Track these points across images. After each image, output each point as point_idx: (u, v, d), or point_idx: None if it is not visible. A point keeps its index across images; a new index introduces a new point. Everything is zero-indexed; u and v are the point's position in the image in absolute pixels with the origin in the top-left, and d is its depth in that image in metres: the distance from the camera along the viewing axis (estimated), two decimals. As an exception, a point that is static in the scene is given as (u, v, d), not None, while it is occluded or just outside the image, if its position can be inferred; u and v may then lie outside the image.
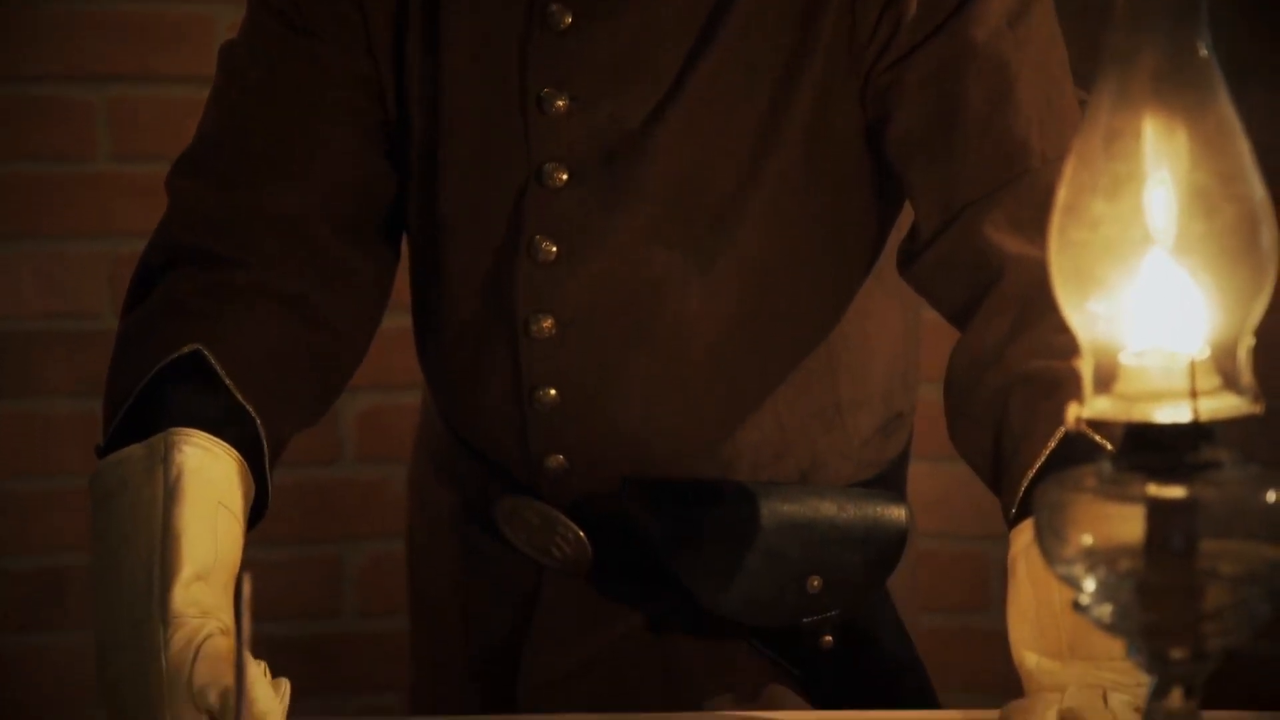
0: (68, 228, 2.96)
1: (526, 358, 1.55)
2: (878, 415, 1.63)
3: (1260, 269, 1.03)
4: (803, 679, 1.60)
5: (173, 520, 1.35)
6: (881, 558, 1.58)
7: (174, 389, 1.43)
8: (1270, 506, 1.04)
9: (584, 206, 1.52)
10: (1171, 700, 1.07)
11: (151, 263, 1.53)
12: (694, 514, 1.56)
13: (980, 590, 2.94)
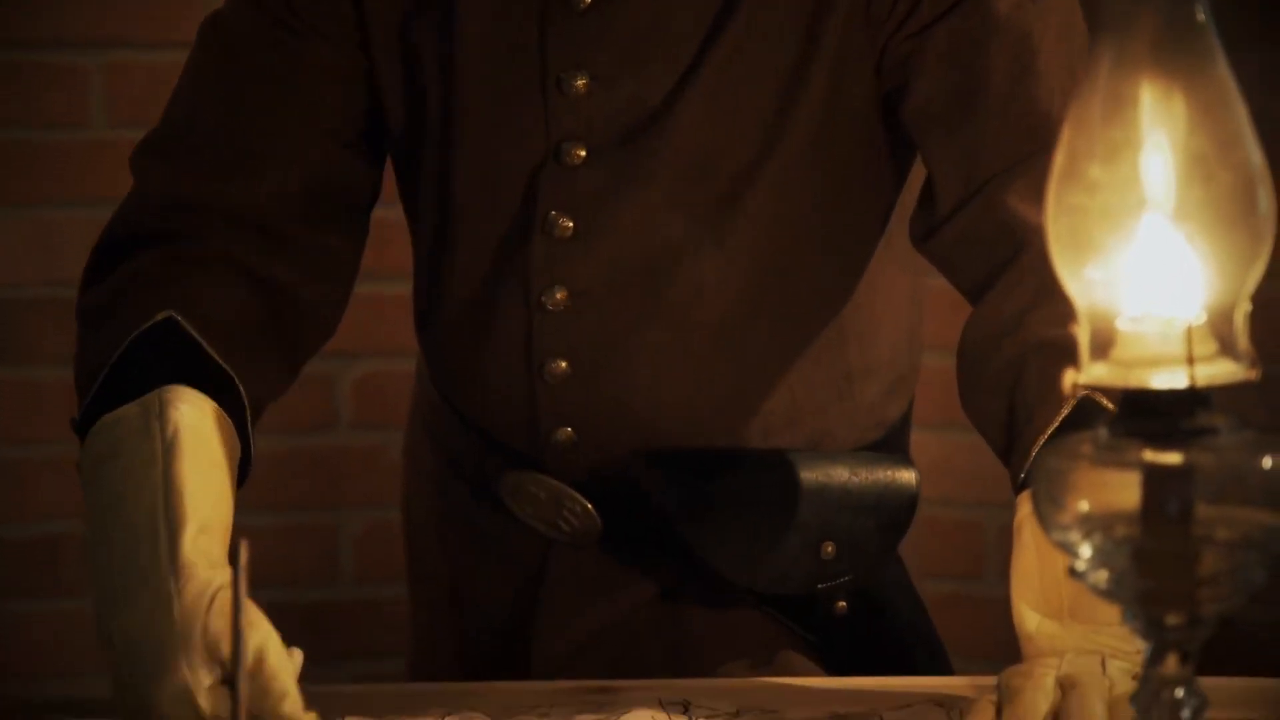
0: (62, 195, 2.95)
1: (538, 330, 1.56)
2: (885, 381, 1.63)
3: (1257, 235, 1.03)
4: (816, 645, 1.60)
5: (174, 475, 1.35)
6: (893, 522, 1.59)
7: (152, 355, 1.43)
8: (1266, 472, 1.04)
9: (601, 183, 1.52)
10: (1167, 666, 1.07)
11: (115, 239, 1.53)
12: (707, 484, 1.57)
13: (977, 558, 2.94)
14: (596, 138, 1.52)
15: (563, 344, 1.56)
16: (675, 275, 1.54)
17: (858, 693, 1.43)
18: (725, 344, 1.56)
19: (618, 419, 1.57)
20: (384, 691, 1.49)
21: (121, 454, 1.37)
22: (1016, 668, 1.32)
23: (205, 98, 1.54)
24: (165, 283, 1.48)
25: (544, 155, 1.53)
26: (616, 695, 1.42)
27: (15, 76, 2.91)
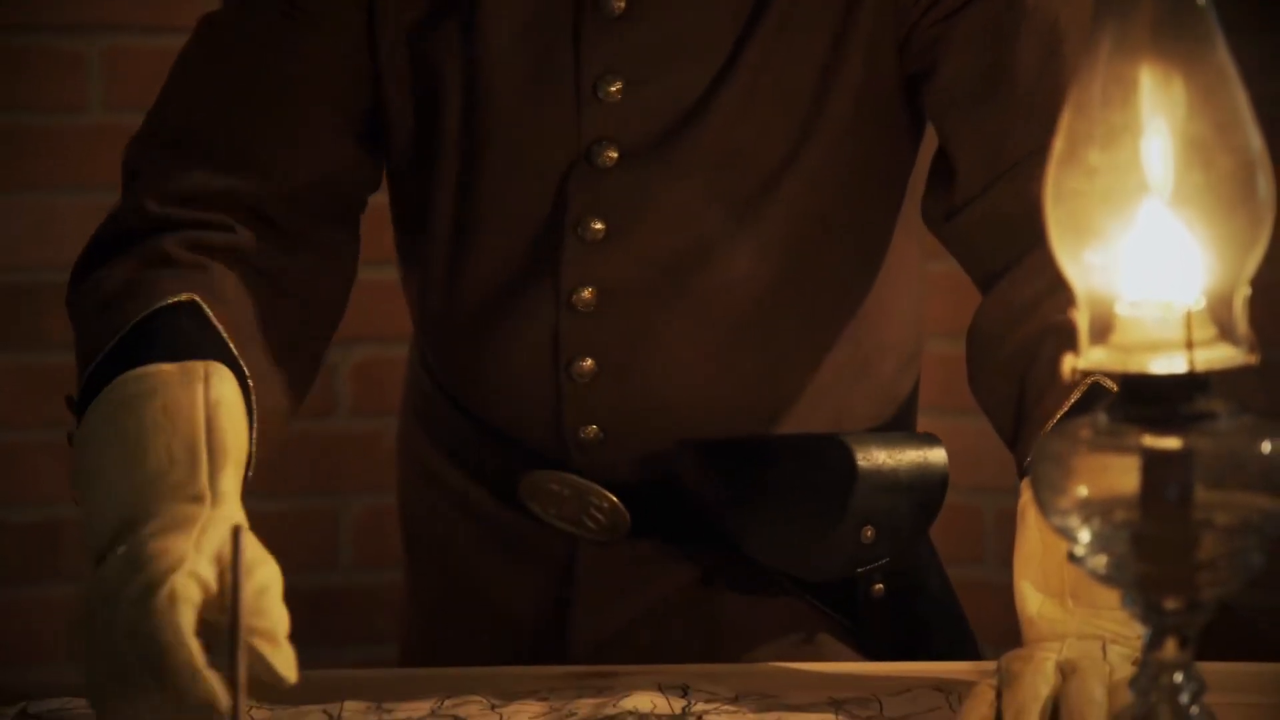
0: (61, 179, 2.95)
1: (565, 330, 1.55)
2: (899, 357, 1.64)
3: (1257, 219, 1.03)
4: (850, 629, 1.61)
5: (218, 422, 1.31)
6: (928, 501, 1.59)
7: (177, 328, 1.40)
8: (1265, 457, 1.04)
9: (634, 184, 1.52)
10: (1166, 650, 1.07)
11: (123, 227, 1.50)
12: (753, 473, 1.57)
13: (976, 543, 2.95)
14: (629, 139, 1.52)
15: (590, 342, 1.56)
16: (706, 268, 1.54)
17: (856, 678, 1.43)
18: (753, 332, 1.56)
19: (645, 413, 1.57)
20: (383, 676, 1.49)
21: (160, 395, 1.32)
22: (1017, 652, 1.32)
23: (212, 93, 1.53)
24: (185, 266, 1.46)
25: (574, 158, 1.52)
26: (616, 679, 1.42)
27: (14, 61, 2.91)
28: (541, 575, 1.63)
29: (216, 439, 1.30)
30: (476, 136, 1.54)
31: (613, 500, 1.59)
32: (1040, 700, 1.26)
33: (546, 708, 1.37)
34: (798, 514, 1.57)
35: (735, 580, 1.61)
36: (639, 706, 1.35)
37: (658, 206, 1.53)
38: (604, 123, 1.52)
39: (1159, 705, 1.08)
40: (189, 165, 1.51)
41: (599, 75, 1.51)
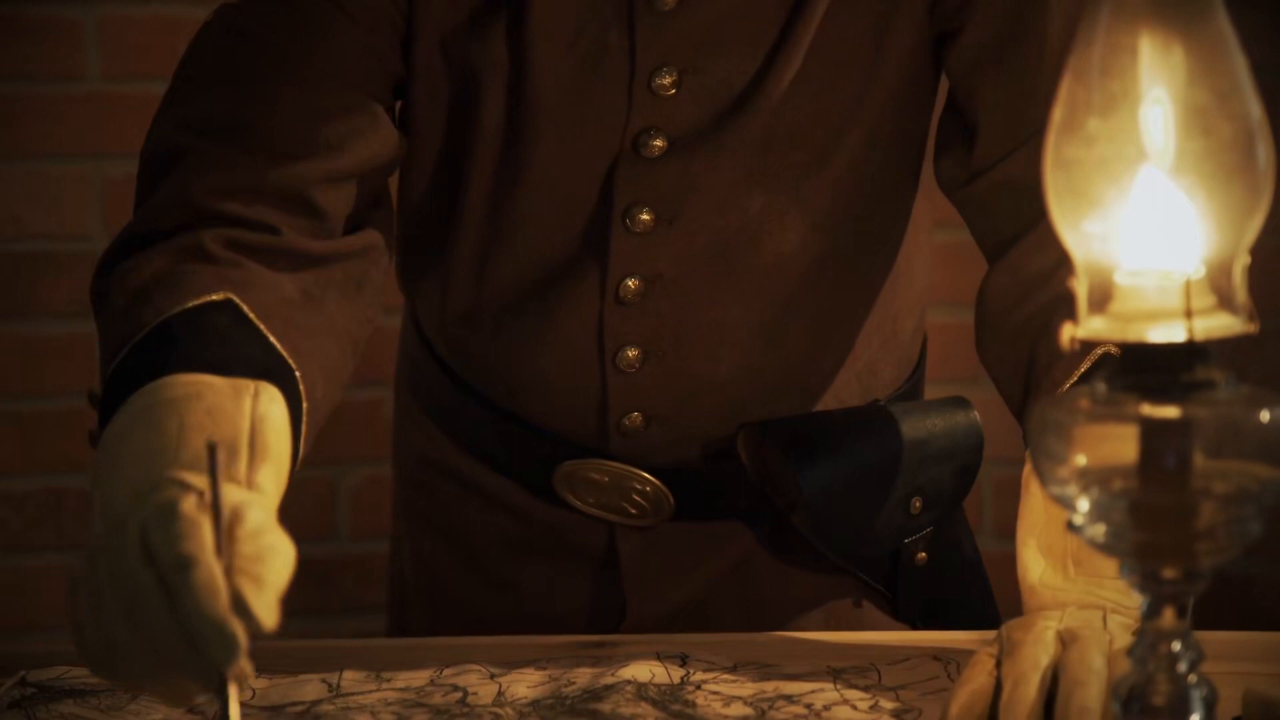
0: (59, 147, 2.95)
1: (610, 320, 1.55)
2: (917, 316, 1.64)
3: (1256, 187, 1.03)
4: (890, 598, 1.61)
5: (262, 432, 1.26)
6: (968, 465, 1.59)
7: (218, 328, 1.35)
8: (1263, 426, 1.04)
9: (682, 171, 1.51)
10: (1164, 619, 1.07)
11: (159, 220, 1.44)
12: (820, 451, 1.56)
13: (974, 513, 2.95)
14: (678, 127, 1.51)
15: (636, 331, 1.55)
16: (754, 248, 1.54)
17: (854, 646, 1.43)
18: (797, 306, 1.56)
19: (690, 397, 1.57)
20: (382, 646, 1.49)
21: (206, 399, 1.27)
22: (1017, 621, 1.32)
23: (246, 80, 1.47)
24: (224, 262, 1.41)
25: (621, 148, 1.51)
26: (614, 649, 1.42)
27: (11, 30, 2.90)
28: (584, 567, 1.62)
29: (259, 442, 1.26)
30: (520, 134, 1.52)
31: (655, 483, 1.59)
32: (1040, 669, 1.26)
33: (545, 677, 1.37)
34: (854, 490, 1.56)
35: (777, 555, 1.61)
36: (637, 676, 1.35)
37: (706, 192, 1.52)
38: (654, 113, 1.51)
39: (1157, 674, 1.08)
40: (231, 156, 1.45)
41: (654, 69, 1.50)
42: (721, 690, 1.34)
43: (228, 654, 1.10)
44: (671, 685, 1.34)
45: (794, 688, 1.34)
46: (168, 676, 1.14)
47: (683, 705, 1.31)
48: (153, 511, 1.15)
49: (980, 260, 1.55)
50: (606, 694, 1.32)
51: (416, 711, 1.32)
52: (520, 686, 1.35)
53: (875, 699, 1.32)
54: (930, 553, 1.60)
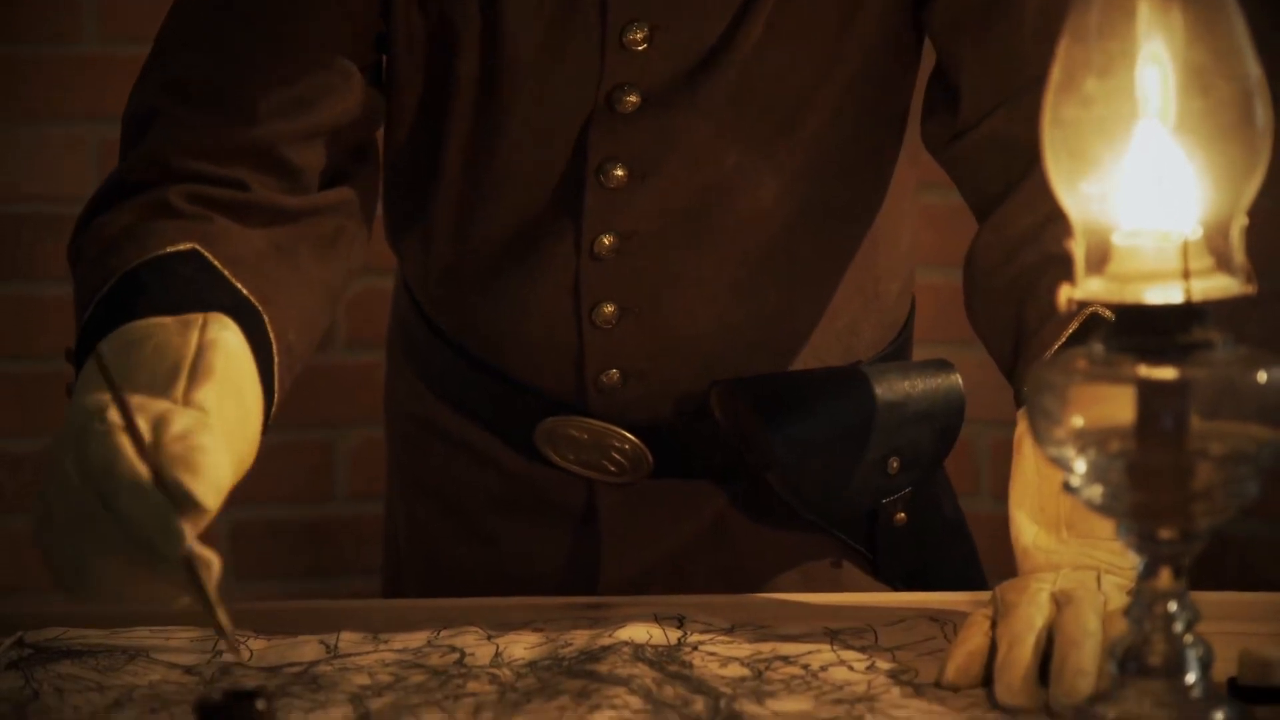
0: (56, 110, 2.94)
1: (586, 276, 1.55)
2: (901, 279, 1.64)
3: (1254, 148, 1.03)
4: (869, 558, 1.61)
5: (205, 355, 1.28)
6: (948, 427, 1.59)
7: (179, 275, 1.38)
8: (1260, 387, 1.04)
9: (655, 127, 1.51)
10: (1160, 580, 1.08)
11: (130, 178, 1.47)
12: (792, 410, 1.56)
13: (970, 475, 2.95)
14: (651, 83, 1.50)
15: (612, 288, 1.55)
16: (728, 206, 1.54)
17: (851, 608, 1.43)
18: (773, 264, 1.56)
19: (667, 354, 1.57)
20: (379, 607, 1.49)
21: (156, 337, 1.30)
22: (1011, 582, 1.33)
23: (220, 41, 1.49)
24: (189, 216, 1.44)
25: (595, 104, 1.51)
26: (611, 611, 1.42)
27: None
28: (562, 524, 1.63)
29: (203, 364, 1.28)
30: (494, 90, 1.52)
31: (634, 441, 1.59)
32: (1034, 630, 1.26)
33: (542, 638, 1.37)
34: (829, 449, 1.57)
35: (756, 515, 1.61)
36: (634, 637, 1.36)
37: (680, 148, 1.52)
38: (627, 69, 1.51)
39: (1153, 634, 1.08)
40: (201, 116, 1.48)
41: (625, 24, 1.49)
42: (718, 651, 1.34)
43: (171, 540, 1.14)
44: (668, 646, 1.35)
45: (791, 649, 1.34)
46: (140, 583, 1.18)
47: (680, 666, 1.31)
48: (73, 434, 1.20)
49: (972, 221, 1.55)
50: (604, 655, 1.32)
51: (414, 672, 1.32)
52: (517, 648, 1.35)
53: (872, 660, 1.32)
54: (910, 514, 1.61)
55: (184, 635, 1.38)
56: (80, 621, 1.41)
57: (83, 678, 1.32)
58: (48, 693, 1.29)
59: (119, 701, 1.28)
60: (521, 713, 1.23)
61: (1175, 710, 1.07)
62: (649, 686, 1.26)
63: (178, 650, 1.36)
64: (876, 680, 1.29)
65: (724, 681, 1.29)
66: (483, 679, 1.30)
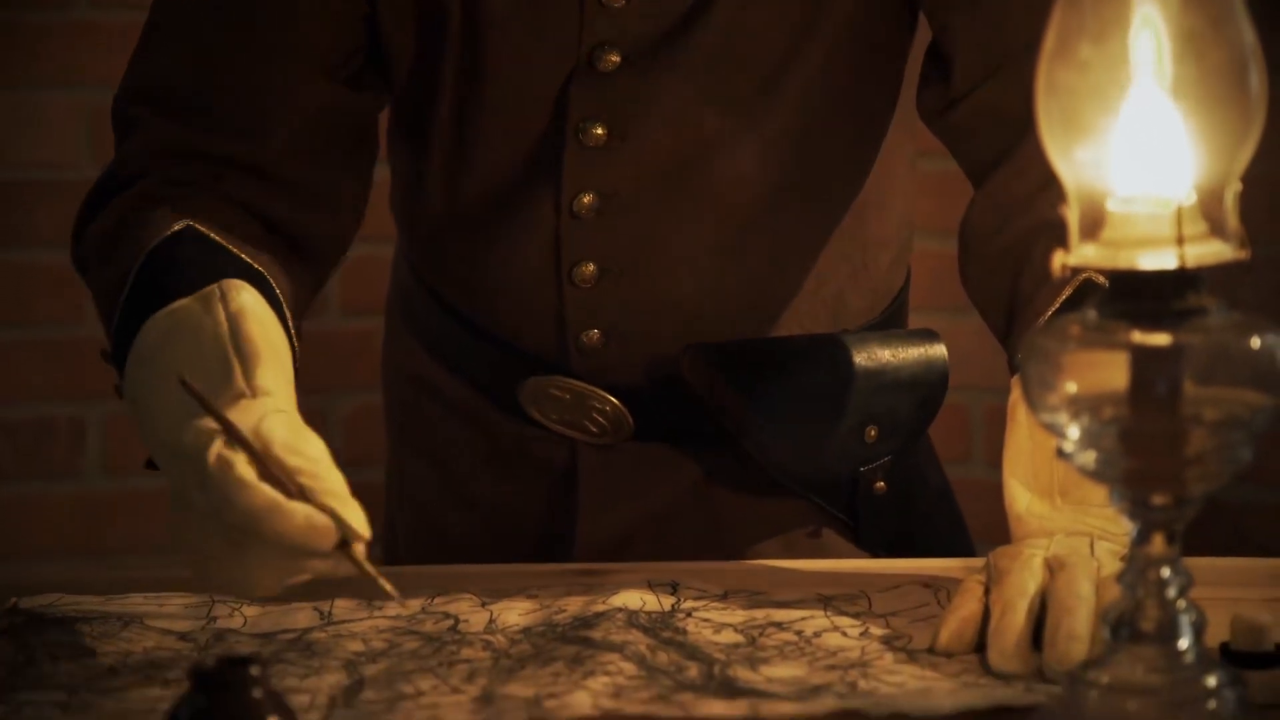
0: (48, 76, 2.94)
1: (567, 235, 1.55)
2: (893, 249, 1.64)
3: (1248, 114, 1.03)
4: (851, 525, 1.61)
5: (243, 330, 1.31)
6: (929, 397, 1.60)
7: (180, 261, 1.40)
8: (1254, 352, 1.04)
9: (635, 87, 1.51)
10: (1154, 546, 1.08)
11: (113, 182, 1.50)
12: (758, 375, 1.57)
13: (964, 441, 2.95)
14: (631, 42, 1.50)
15: (592, 247, 1.55)
16: (709, 168, 1.54)
17: (845, 575, 1.43)
18: (755, 230, 1.56)
19: (648, 316, 1.57)
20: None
21: (185, 326, 1.33)
22: (1005, 549, 1.33)
23: (195, 47, 1.51)
24: (171, 200, 1.46)
25: (575, 63, 1.52)
26: (605, 577, 1.42)
27: (-2, -42, 2.89)
28: (543, 482, 1.63)
29: (243, 344, 1.30)
30: (477, 47, 1.52)
31: (614, 403, 1.59)
32: (1028, 596, 1.26)
33: (536, 605, 1.37)
34: (802, 416, 1.57)
35: (737, 480, 1.61)
36: (628, 604, 1.36)
37: (659, 109, 1.52)
38: (607, 27, 1.51)
39: (1146, 599, 1.08)
40: (173, 124, 1.51)
41: None
42: (712, 618, 1.34)
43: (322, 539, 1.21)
44: (662, 613, 1.35)
45: (784, 615, 1.35)
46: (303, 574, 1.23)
47: (673, 632, 1.31)
48: (193, 472, 1.23)
49: (969, 189, 1.55)
50: (597, 621, 1.32)
51: (408, 639, 1.32)
52: (511, 614, 1.35)
53: (865, 626, 1.32)
54: (890, 482, 1.61)
55: (178, 601, 1.38)
56: (74, 588, 1.41)
57: (77, 644, 1.32)
58: (42, 659, 1.29)
59: (113, 668, 1.28)
60: (516, 679, 1.23)
61: (1168, 675, 1.07)
62: (643, 653, 1.27)
63: (172, 617, 1.36)
64: (870, 646, 1.29)
65: (718, 648, 1.29)
66: (477, 645, 1.30)
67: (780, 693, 1.21)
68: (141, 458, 1.39)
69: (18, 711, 1.21)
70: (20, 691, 1.24)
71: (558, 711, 1.18)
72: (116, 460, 2.98)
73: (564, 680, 1.22)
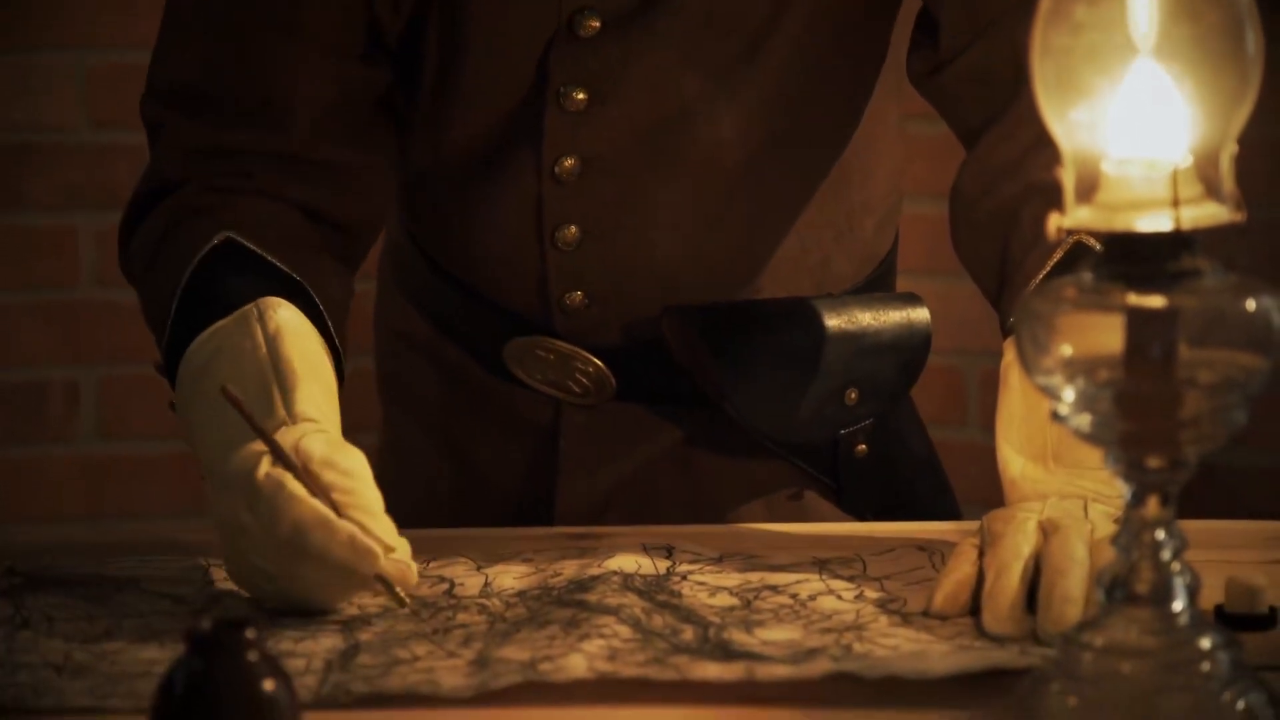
0: (44, 39, 2.93)
1: (549, 198, 1.55)
2: (879, 215, 1.64)
3: (1244, 75, 1.03)
4: (834, 489, 1.61)
5: (281, 353, 1.37)
6: (911, 361, 1.60)
7: (222, 277, 1.44)
8: (1249, 315, 1.04)
9: (615, 51, 1.51)
10: (1148, 508, 1.08)
11: (150, 190, 1.53)
12: (737, 337, 1.57)
13: (959, 405, 2.95)
14: (611, 7, 1.50)
15: (574, 210, 1.55)
16: (690, 133, 1.54)
17: (840, 538, 1.44)
18: (738, 194, 1.56)
19: (630, 278, 1.57)
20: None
21: (224, 350, 1.39)
22: (999, 512, 1.33)
23: (207, 43, 1.53)
24: (211, 210, 1.49)
25: (556, 27, 1.52)
26: (600, 541, 1.43)
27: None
28: (527, 440, 1.63)
29: (282, 367, 1.36)
30: (458, 14, 1.53)
31: (597, 364, 1.60)
32: (1022, 559, 1.26)
33: (531, 569, 1.37)
34: (782, 378, 1.57)
35: (719, 442, 1.61)
36: (623, 567, 1.36)
37: (640, 74, 1.52)
38: None
39: (1141, 562, 1.08)
40: (198, 124, 1.53)
41: None
42: (707, 581, 1.35)
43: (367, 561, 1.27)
44: (657, 576, 1.35)
45: (779, 578, 1.35)
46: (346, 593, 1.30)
47: (668, 595, 1.31)
48: (241, 491, 1.29)
49: (961, 153, 1.55)
50: (593, 585, 1.32)
51: (403, 602, 1.32)
52: (507, 578, 1.35)
53: (860, 589, 1.33)
54: (872, 445, 1.61)
55: (174, 565, 1.39)
56: (69, 552, 1.41)
57: (73, 607, 1.32)
58: (38, 621, 1.30)
59: (109, 631, 1.28)
60: (511, 642, 1.23)
61: (1162, 638, 1.07)
62: (638, 616, 1.27)
63: (167, 580, 1.36)
64: (865, 609, 1.29)
65: (713, 611, 1.29)
66: (472, 610, 1.30)
67: (775, 655, 1.21)
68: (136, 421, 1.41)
69: (13, 674, 1.21)
70: (16, 654, 1.24)
71: (553, 674, 1.18)
72: (112, 424, 2.98)
73: (559, 643, 1.22)
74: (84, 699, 1.17)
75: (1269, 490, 2.84)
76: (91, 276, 2.94)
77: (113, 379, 2.96)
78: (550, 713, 1.16)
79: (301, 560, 1.27)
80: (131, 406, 2.93)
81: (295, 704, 1.07)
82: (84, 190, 2.90)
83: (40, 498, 2.98)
